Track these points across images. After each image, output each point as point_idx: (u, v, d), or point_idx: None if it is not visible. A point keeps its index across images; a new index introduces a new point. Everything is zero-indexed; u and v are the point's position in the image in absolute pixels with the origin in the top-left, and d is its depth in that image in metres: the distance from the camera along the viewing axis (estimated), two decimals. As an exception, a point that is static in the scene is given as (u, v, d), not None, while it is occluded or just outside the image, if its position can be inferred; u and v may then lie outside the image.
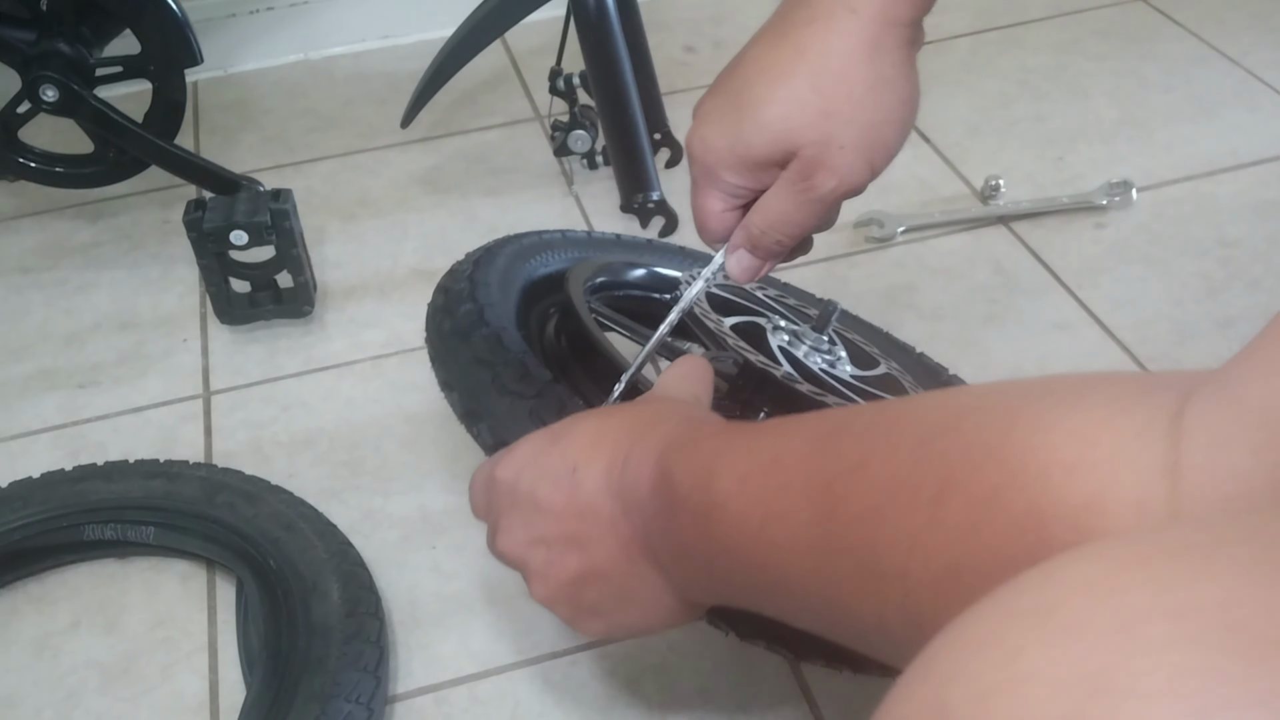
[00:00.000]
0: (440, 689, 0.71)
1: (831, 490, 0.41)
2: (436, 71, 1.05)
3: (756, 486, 0.44)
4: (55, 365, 0.96)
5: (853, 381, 0.70)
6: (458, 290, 0.70)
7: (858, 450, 0.41)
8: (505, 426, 0.62)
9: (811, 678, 0.70)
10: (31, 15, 0.98)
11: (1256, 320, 0.92)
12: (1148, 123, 1.16)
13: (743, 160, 0.56)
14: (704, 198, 0.59)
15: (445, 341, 0.67)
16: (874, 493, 0.39)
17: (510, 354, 0.63)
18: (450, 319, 0.68)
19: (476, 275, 0.71)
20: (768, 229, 0.59)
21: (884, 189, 1.09)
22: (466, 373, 0.64)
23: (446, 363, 0.66)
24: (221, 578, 0.78)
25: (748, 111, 0.55)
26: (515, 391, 0.62)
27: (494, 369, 0.63)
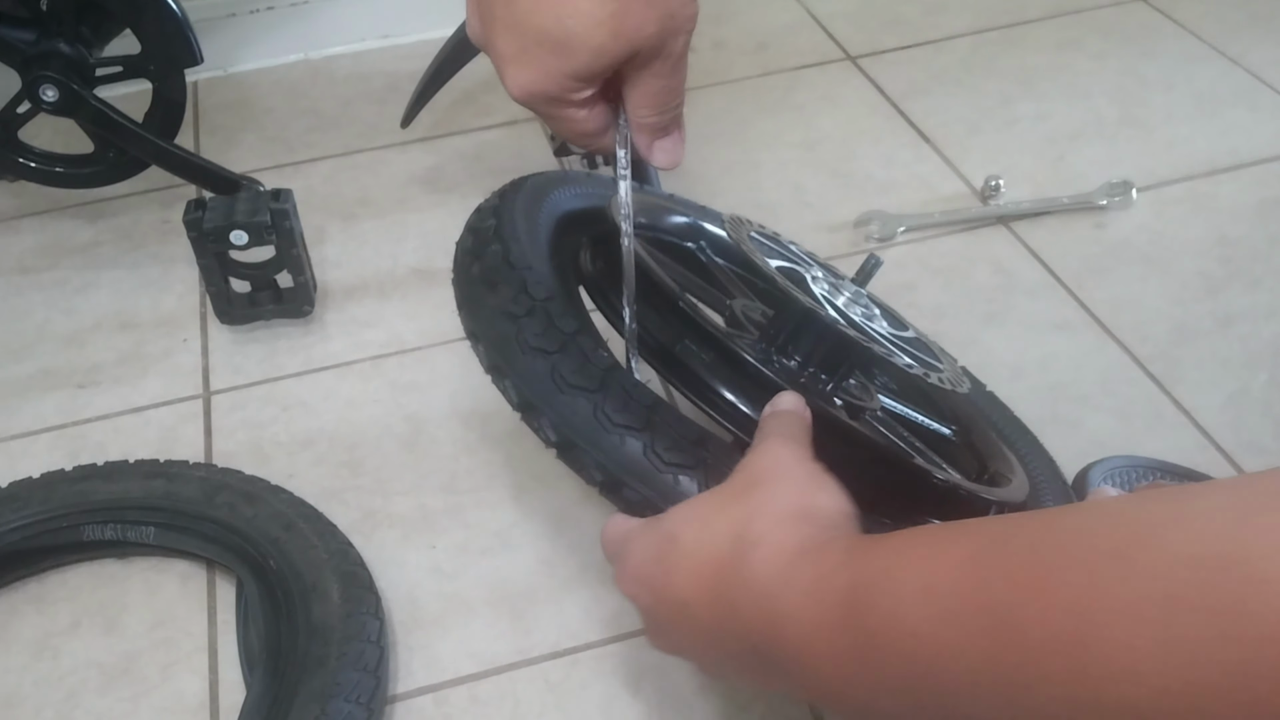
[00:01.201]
0: (440, 689, 0.71)
1: (1012, 620, 0.38)
2: (436, 71, 1.05)
3: (913, 620, 0.42)
4: (55, 365, 0.96)
5: (891, 335, 0.68)
6: (485, 229, 0.67)
7: (1035, 570, 0.38)
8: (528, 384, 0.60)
9: (811, 678, 0.70)
10: (31, 15, 0.98)
11: (1256, 320, 0.92)
12: (1148, 123, 1.16)
13: (587, 80, 0.55)
14: (565, 117, 0.58)
15: (472, 288, 0.65)
16: (1071, 619, 0.36)
17: (535, 303, 0.61)
18: (478, 262, 0.65)
19: (503, 210, 0.69)
20: (660, 111, 0.58)
21: (884, 189, 1.10)
22: (492, 325, 0.62)
23: (473, 313, 0.64)
24: (221, 578, 0.78)
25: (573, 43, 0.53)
26: (537, 348, 0.59)
27: (518, 322, 0.61)
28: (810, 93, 1.23)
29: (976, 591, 0.40)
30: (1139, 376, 0.89)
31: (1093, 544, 0.37)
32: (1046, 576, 0.37)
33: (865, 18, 1.35)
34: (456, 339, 0.96)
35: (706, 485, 0.57)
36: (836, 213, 1.06)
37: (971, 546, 0.41)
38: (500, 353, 0.61)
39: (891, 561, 0.44)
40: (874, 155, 1.14)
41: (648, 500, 0.57)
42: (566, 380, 0.58)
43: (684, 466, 0.57)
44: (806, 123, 1.19)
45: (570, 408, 0.58)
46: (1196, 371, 0.89)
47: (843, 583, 0.45)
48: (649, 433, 0.57)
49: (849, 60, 1.28)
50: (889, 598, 0.43)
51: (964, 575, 0.40)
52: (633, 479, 0.57)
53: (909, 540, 0.45)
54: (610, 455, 0.57)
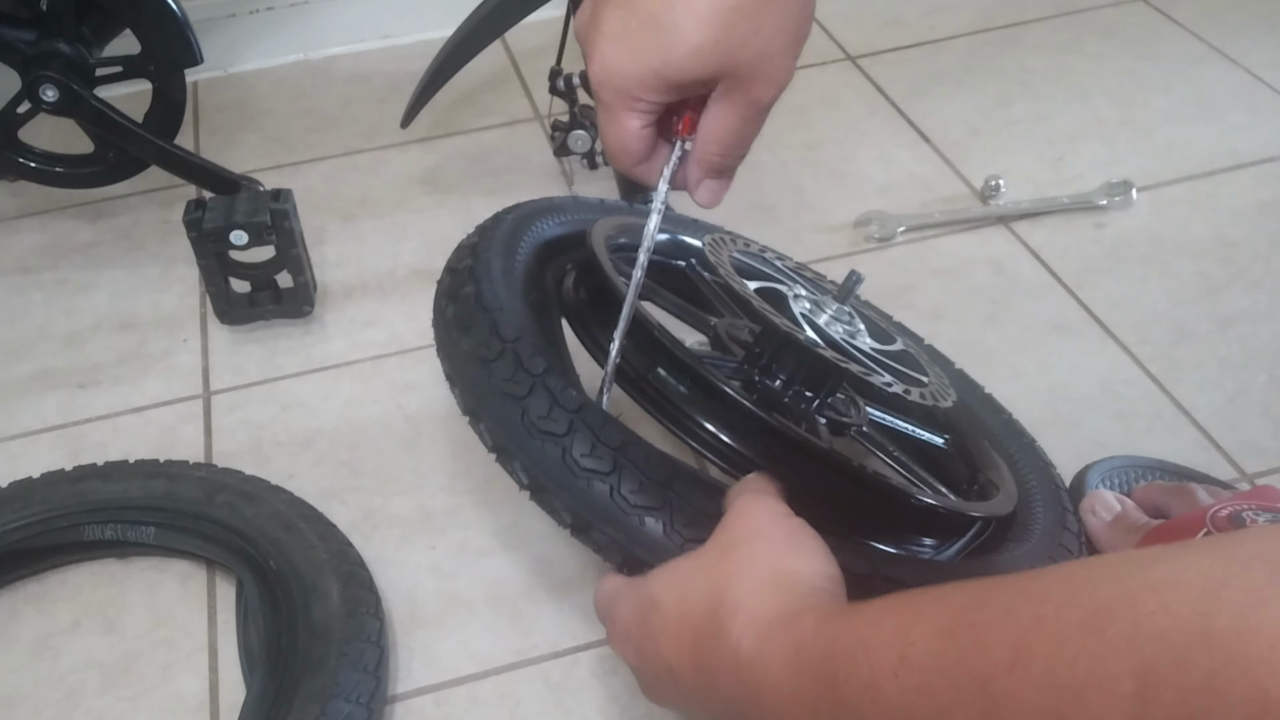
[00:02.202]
0: (440, 689, 0.71)
1: (988, 693, 0.38)
2: (436, 72, 1.05)
3: (891, 692, 0.42)
4: (55, 365, 0.96)
5: (872, 353, 0.69)
6: (462, 269, 0.69)
7: (1006, 643, 0.38)
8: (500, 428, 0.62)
9: (811, 678, 0.70)
10: (31, 15, 0.98)
11: (1256, 320, 0.92)
12: (1148, 123, 1.16)
13: (668, 83, 0.55)
14: (623, 120, 0.57)
15: (448, 332, 0.66)
16: (1046, 693, 0.36)
17: (505, 345, 0.62)
18: (453, 304, 0.67)
19: (480, 249, 0.70)
20: (726, 152, 0.58)
21: (884, 189, 1.10)
22: (466, 369, 0.64)
23: (449, 357, 0.66)
24: (221, 578, 0.78)
25: (675, 35, 0.53)
26: (508, 393, 0.61)
27: (489, 367, 0.62)
28: (810, 93, 1.23)
29: (951, 664, 0.40)
30: (1139, 377, 0.89)
31: (1064, 615, 0.37)
32: (1019, 649, 0.37)
33: (865, 18, 1.35)
34: (456, 339, 0.96)
35: (672, 527, 0.58)
36: (836, 213, 1.06)
37: (944, 616, 0.41)
38: (474, 397, 0.63)
39: (867, 632, 0.44)
40: (874, 156, 1.14)
41: (615, 542, 0.59)
42: (535, 425, 0.60)
43: (650, 509, 0.59)
44: (806, 123, 1.19)
45: (540, 452, 0.60)
46: (1196, 372, 0.89)
47: (819, 654, 0.46)
48: (615, 475, 0.59)
49: (849, 60, 1.28)
50: (865, 669, 0.43)
51: (938, 646, 0.41)
52: (600, 522, 0.59)
53: (883, 609, 0.45)
54: (578, 499, 0.59)
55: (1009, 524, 0.70)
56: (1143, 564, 0.37)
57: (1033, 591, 0.39)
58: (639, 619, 0.56)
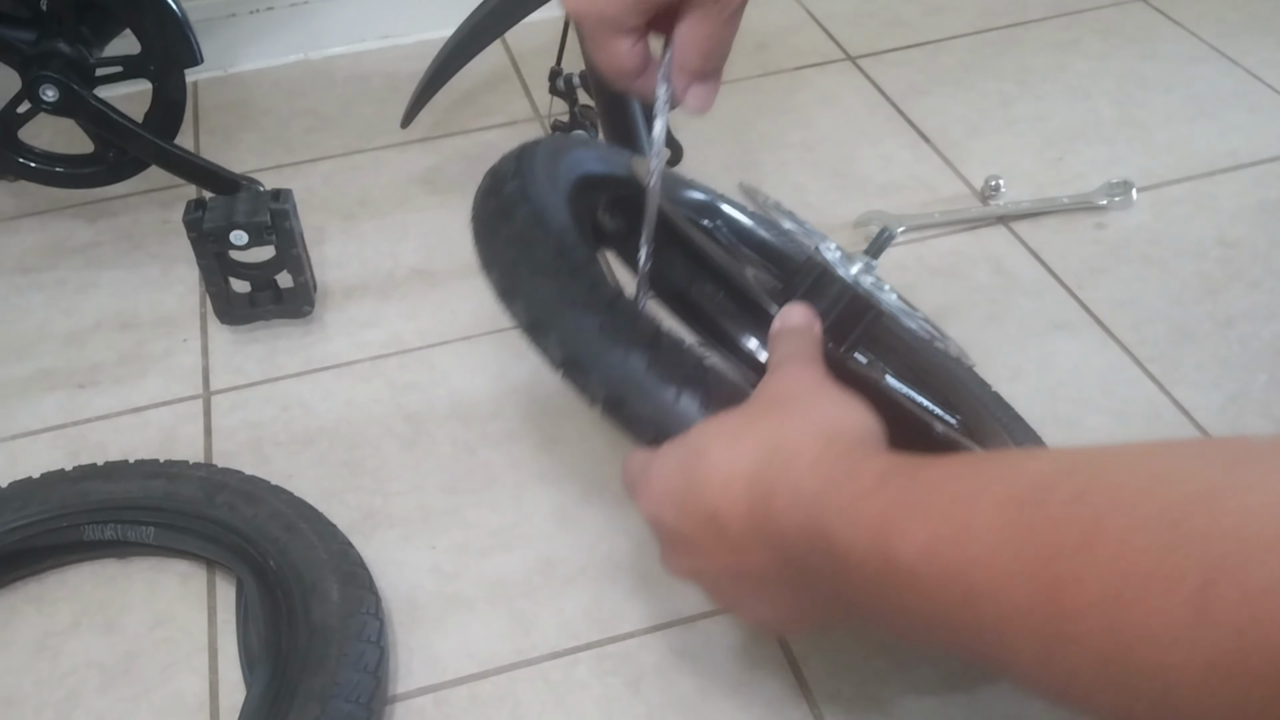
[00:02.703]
0: (440, 689, 0.71)
1: (1052, 571, 0.38)
2: (436, 72, 1.05)
3: (948, 558, 0.41)
4: (55, 365, 0.96)
5: (900, 305, 0.68)
6: (505, 170, 0.68)
7: (1077, 525, 0.37)
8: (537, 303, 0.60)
9: (811, 678, 0.70)
10: (31, 15, 0.98)
11: (1256, 321, 0.92)
12: (1148, 123, 1.16)
13: (648, 3, 0.56)
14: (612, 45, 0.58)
15: (488, 220, 0.65)
16: (1112, 579, 0.36)
17: (548, 232, 0.62)
18: (495, 198, 0.66)
19: (524, 156, 0.69)
20: (708, 57, 0.58)
21: (884, 189, 1.10)
22: (505, 251, 0.63)
23: (488, 242, 0.64)
24: (221, 578, 0.78)
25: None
26: (549, 271, 0.60)
27: (530, 247, 0.61)
28: (810, 93, 1.23)
29: (1017, 537, 0.39)
30: (1139, 377, 0.89)
31: (1138, 503, 0.36)
32: (1089, 532, 0.37)
33: (865, 18, 1.35)
34: (456, 339, 0.96)
35: (707, 405, 0.57)
36: (836, 213, 1.06)
37: (1015, 488, 0.41)
38: (511, 276, 0.61)
39: (930, 493, 0.43)
40: (874, 156, 1.14)
41: (648, 418, 0.57)
42: (575, 300, 0.59)
43: (685, 385, 0.57)
44: (806, 123, 1.19)
45: (578, 324, 0.58)
46: (1196, 372, 0.89)
47: (878, 508, 0.45)
48: (655, 349, 0.58)
49: (849, 60, 1.28)
50: (924, 532, 0.42)
51: (1005, 519, 0.40)
52: (634, 395, 0.57)
53: (951, 473, 0.44)
54: (613, 371, 0.57)
55: None
56: (1228, 462, 0.37)
57: (1111, 476, 0.39)
58: (682, 469, 0.54)
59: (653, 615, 0.74)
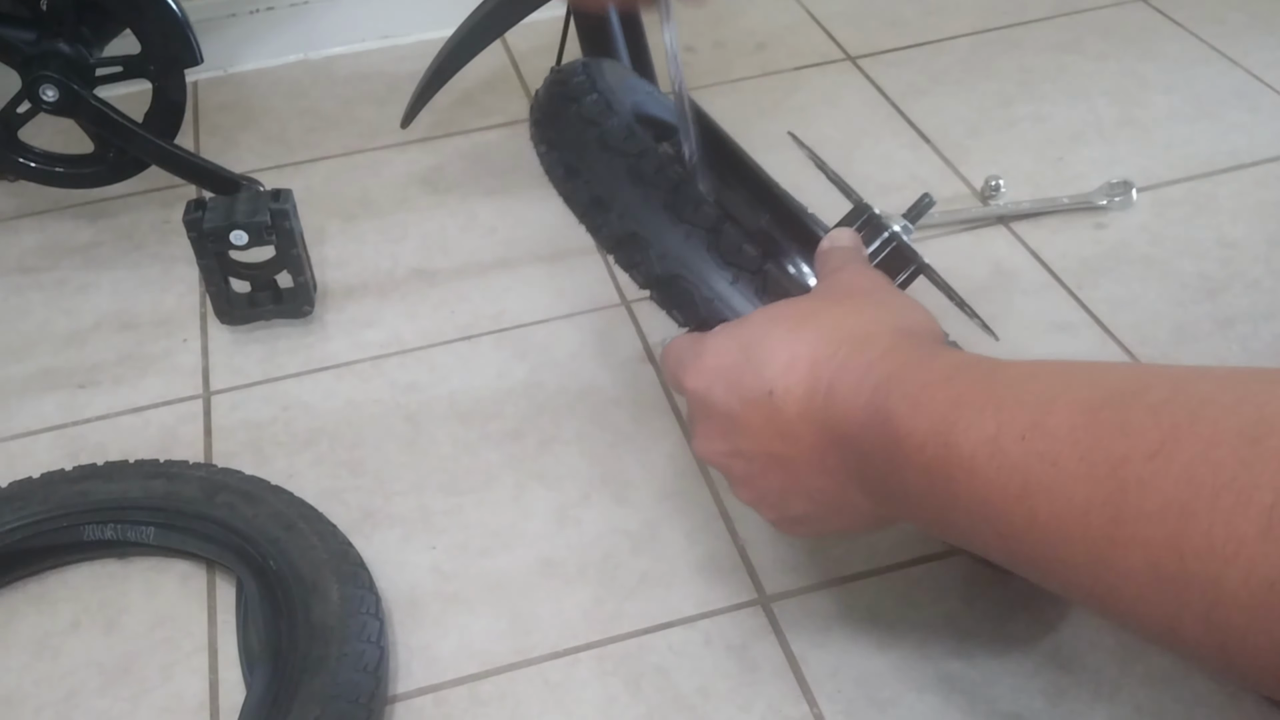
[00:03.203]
0: (440, 689, 0.71)
1: (1119, 475, 0.37)
2: (436, 72, 1.05)
3: (1014, 453, 0.40)
4: (55, 365, 0.96)
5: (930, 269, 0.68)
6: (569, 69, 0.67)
7: (1154, 432, 0.37)
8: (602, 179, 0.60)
9: (811, 678, 0.70)
10: (31, 15, 0.98)
11: (1256, 320, 0.92)
12: (1148, 123, 1.16)
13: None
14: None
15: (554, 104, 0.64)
16: (1182, 488, 0.35)
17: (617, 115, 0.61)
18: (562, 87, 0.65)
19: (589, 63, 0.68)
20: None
21: (884, 189, 1.10)
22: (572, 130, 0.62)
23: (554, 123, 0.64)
24: (221, 578, 0.78)
25: None
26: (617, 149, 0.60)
27: (599, 127, 0.61)
28: (810, 93, 1.23)
29: (1089, 439, 0.38)
30: (1139, 377, 0.89)
31: (1220, 418, 0.36)
32: (1166, 440, 0.36)
33: (865, 18, 1.35)
34: (456, 339, 0.96)
35: (763, 292, 0.57)
36: (836, 213, 1.06)
37: (1093, 395, 0.40)
38: (577, 153, 0.61)
39: (1003, 391, 0.43)
40: (874, 156, 1.14)
41: (702, 298, 0.57)
42: (641, 176, 0.58)
43: (744, 269, 0.57)
44: (806, 123, 1.19)
45: (642, 199, 0.58)
46: (1196, 372, 0.89)
47: (946, 398, 0.44)
48: (715, 234, 0.57)
49: (849, 60, 1.28)
50: (992, 425, 0.42)
51: (1079, 422, 0.39)
52: (691, 273, 0.57)
53: (1027, 372, 0.43)
54: (673, 247, 0.57)
55: None
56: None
57: (1195, 389, 0.38)
58: (742, 347, 0.53)
59: (653, 615, 0.74)
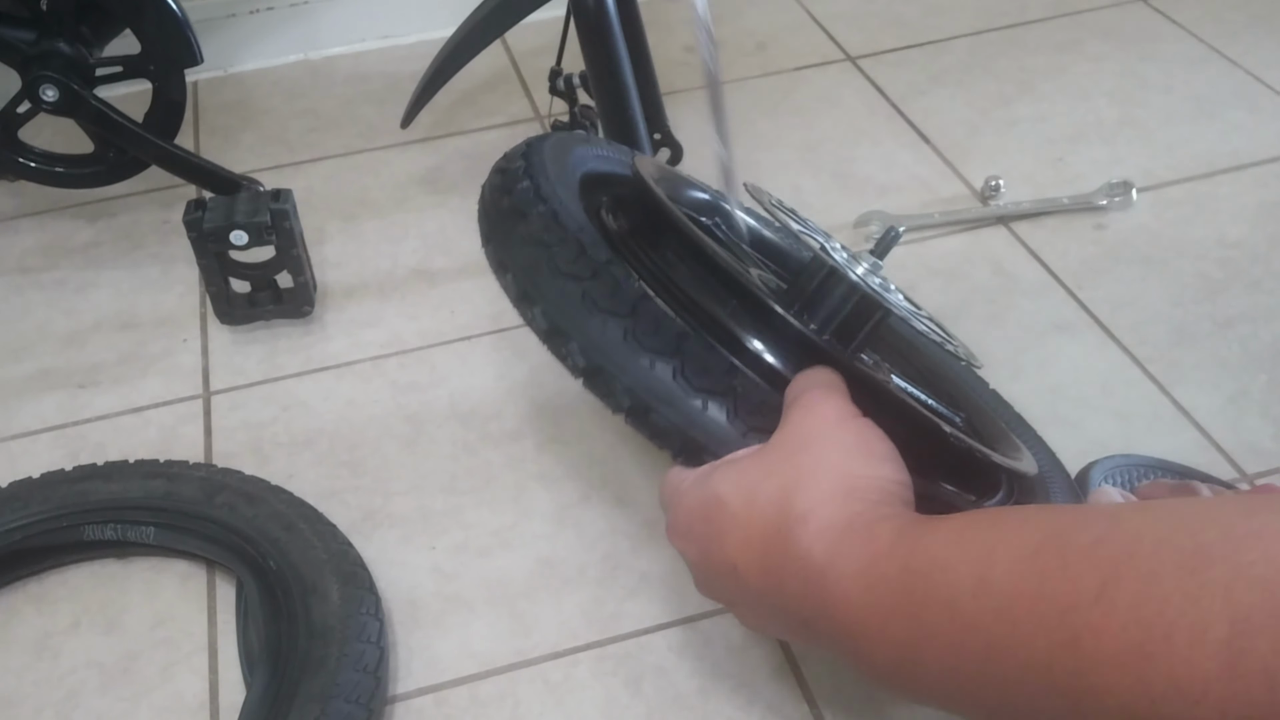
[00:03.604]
0: (440, 689, 0.71)
1: (1070, 624, 0.37)
2: (436, 72, 1.05)
3: (969, 613, 0.41)
4: (55, 365, 0.96)
5: (906, 306, 0.68)
6: (514, 169, 0.66)
7: (1093, 576, 0.37)
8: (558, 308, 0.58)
9: (811, 678, 0.70)
10: (31, 15, 0.98)
11: (1256, 321, 0.92)
12: (1148, 123, 1.16)
13: None
14: None
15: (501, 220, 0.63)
16: (1133, 630, 0.35)
17: (566, 232, 0.60)
18: (508, 196, 0.64)
19: (531, 154, 0.67)
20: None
21: (884, 189, 1.10)
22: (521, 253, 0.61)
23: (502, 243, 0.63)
24: (221, 578, 0.78)
25: None
26: (569, 274, 0.58)
27: (549, 250, 0.59)
28: (810, 93, 1.23)
29: (1034, 589, 0.39)
30: (1139, 377, 0.89)
31: (1160, 553, 0.36)
32: (1107, 581, 0.36)
33: (865, 18, 1.35)
34: (456, 339, 0.96)
35: (735, 414, 0.56)
36: (836, 213, 1.06)
37: (1031, 538, 0.40)
38: (530, 279, 0.60)
39: (948, 551, 0.43)
40: (874, 156, 1.14)
41: (675, 427, 0.56)
42: (598, 304, 0.57)
43: (713, 393, 0.56)
44: (806, 123, 1.19)
45: (601, 331, 0.57)
46: (1196, 372, 0.89)
47: (895, 568, 0.44)
48: (679, 358, 0.56)
49: (849, 61, 1.28)
50: (944, 588, 0.42)
51: (1022, 569, 0.39)
52: (660, 404, 0.56)
53: (965, 525, 0.44)
54: (639, 379, 0.56)
55: (1032, 496, 0.69)
56: (1247, 511, 0.36)
57: (1128, 525, 0.38)
58: (704, 517, 0.54)
59: (652, 615, 0.74)
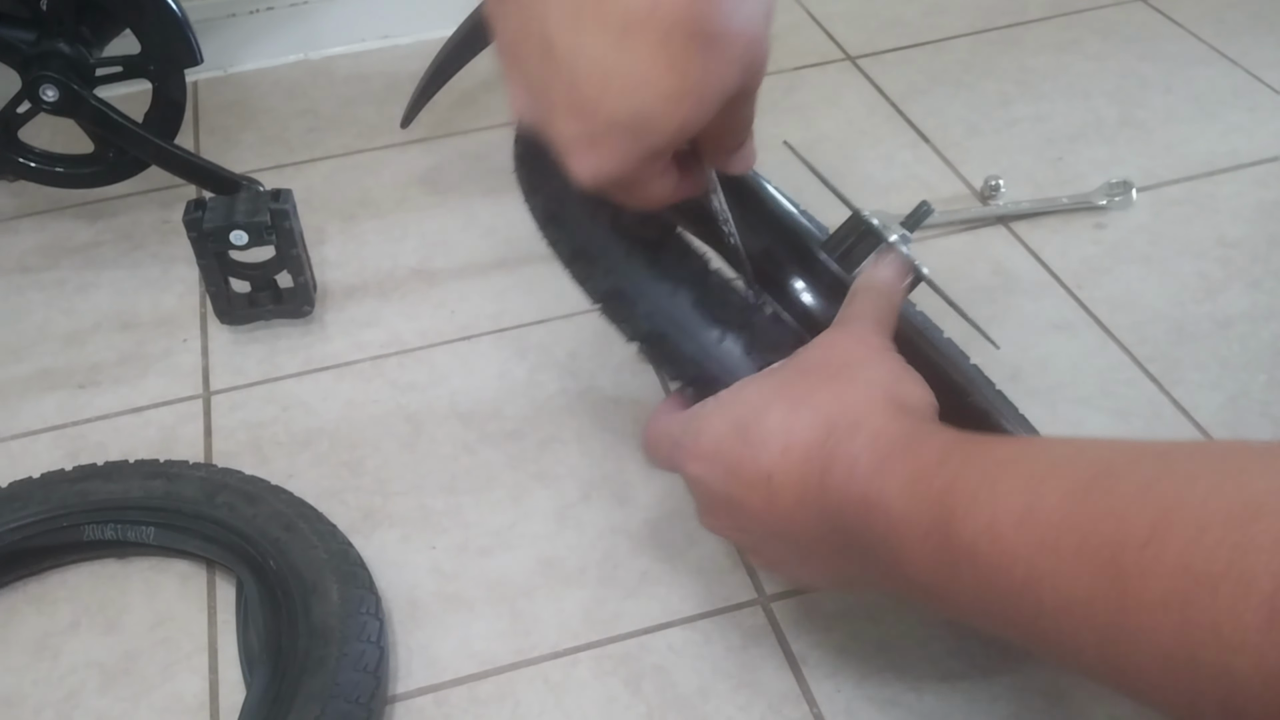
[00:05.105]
0: (440, 689, 0.71)
1: (1117, 564, 0.37)
2: (436, 72, 1.05)
3: (1011, 539, 0.41)
4: (55, 365, 0.96)
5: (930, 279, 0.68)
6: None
7: (1143, 518, 0.37)
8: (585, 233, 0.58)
9: (812, 678, 0.70)
10: (31, 15, 0.98)
11: (1256, 321, 0.92)
12: (1148, 123, 1.16)
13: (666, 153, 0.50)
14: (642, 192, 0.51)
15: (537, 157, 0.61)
16: (1179, 577, 0.35)
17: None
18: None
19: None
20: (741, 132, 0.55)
21: (884, 189, 1.10)
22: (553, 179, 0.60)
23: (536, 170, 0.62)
24: (221, 578, 0.78)
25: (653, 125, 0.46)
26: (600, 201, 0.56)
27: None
28: (810, 93, 1.23)
29: (1082, 526, 0.38)
30: (1138, 377, 0.89)
31: (1211, 501, 0.36)
32: (1157, 525, 0.36)
33: (865, 18, 1.35)
34: (456, 339, 0.96)
35: (752, 349, 0.56)
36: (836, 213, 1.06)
37: (1082, 475, 0.40)
38: (559, 202, 0.59)
39: (994, 473, 0.43)
40: (873, 156, 1.14)
41: (688, 357, 0.56)
42: (627, 229, 0.57)
43: (731, 325, 0.56)
44: (806, 123, 1.19)
45: (626, 254, 0.57)
46: (1196, 372, 0.89)
47: (940, 484, 0.44)
48: (701, 289, 0.56)
49: (849, 60, 1.28)
50: (987, 511, 0.42)
51: (1071, 505, 0.39)
52: (678, 331, 0.56)
53: (1016, 453, 0.43)
54: (659, 304, 0.56)
55: None
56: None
57: (1181, 468, 0.38)
58: (737, 429, 0.53)
59: (652, 615, 0.74)
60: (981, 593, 0.42)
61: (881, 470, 0.47)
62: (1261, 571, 0.33)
